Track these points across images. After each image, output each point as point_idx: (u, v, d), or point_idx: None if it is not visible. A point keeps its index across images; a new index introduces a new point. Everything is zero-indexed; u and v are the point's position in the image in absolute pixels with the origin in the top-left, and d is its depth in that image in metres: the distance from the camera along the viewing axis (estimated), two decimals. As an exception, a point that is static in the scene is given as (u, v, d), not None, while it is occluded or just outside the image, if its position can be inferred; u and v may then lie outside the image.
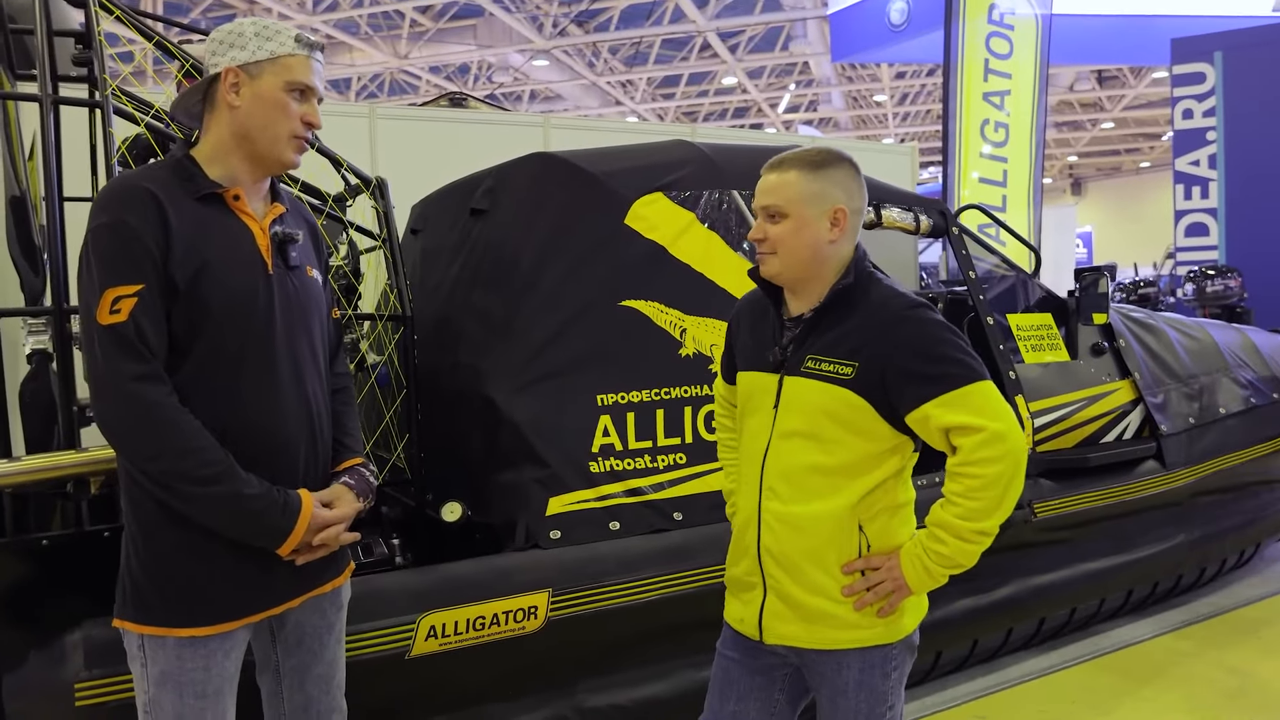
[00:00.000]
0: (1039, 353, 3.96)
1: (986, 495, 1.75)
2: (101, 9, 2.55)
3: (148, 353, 1.69)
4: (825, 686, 1.91)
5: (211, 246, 1.76)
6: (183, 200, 1.76)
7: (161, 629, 1.76)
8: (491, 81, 18.85)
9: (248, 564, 1.80)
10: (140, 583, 1.78)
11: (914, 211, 3.77)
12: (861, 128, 24.53)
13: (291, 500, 1.79)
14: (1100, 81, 20.30)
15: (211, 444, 1.72)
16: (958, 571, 1.82)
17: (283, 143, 1.84)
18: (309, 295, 1.93)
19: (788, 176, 1.87)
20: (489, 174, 3.29)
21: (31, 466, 2.21)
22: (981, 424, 1.74)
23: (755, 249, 1.94)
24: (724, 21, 15.96)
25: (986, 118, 8.52)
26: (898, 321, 1.82)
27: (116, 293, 1.67)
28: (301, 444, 1.88)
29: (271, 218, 1.89)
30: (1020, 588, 3.65)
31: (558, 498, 2.78)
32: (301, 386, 1.88)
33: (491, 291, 3.03)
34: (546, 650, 2.66)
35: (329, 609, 1.98)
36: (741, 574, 1.98)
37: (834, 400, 1.82)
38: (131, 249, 1.68)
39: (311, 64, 1.85)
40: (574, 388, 2.88)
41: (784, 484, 1.88)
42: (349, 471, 1.98)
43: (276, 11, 14.30)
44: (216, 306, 1.75)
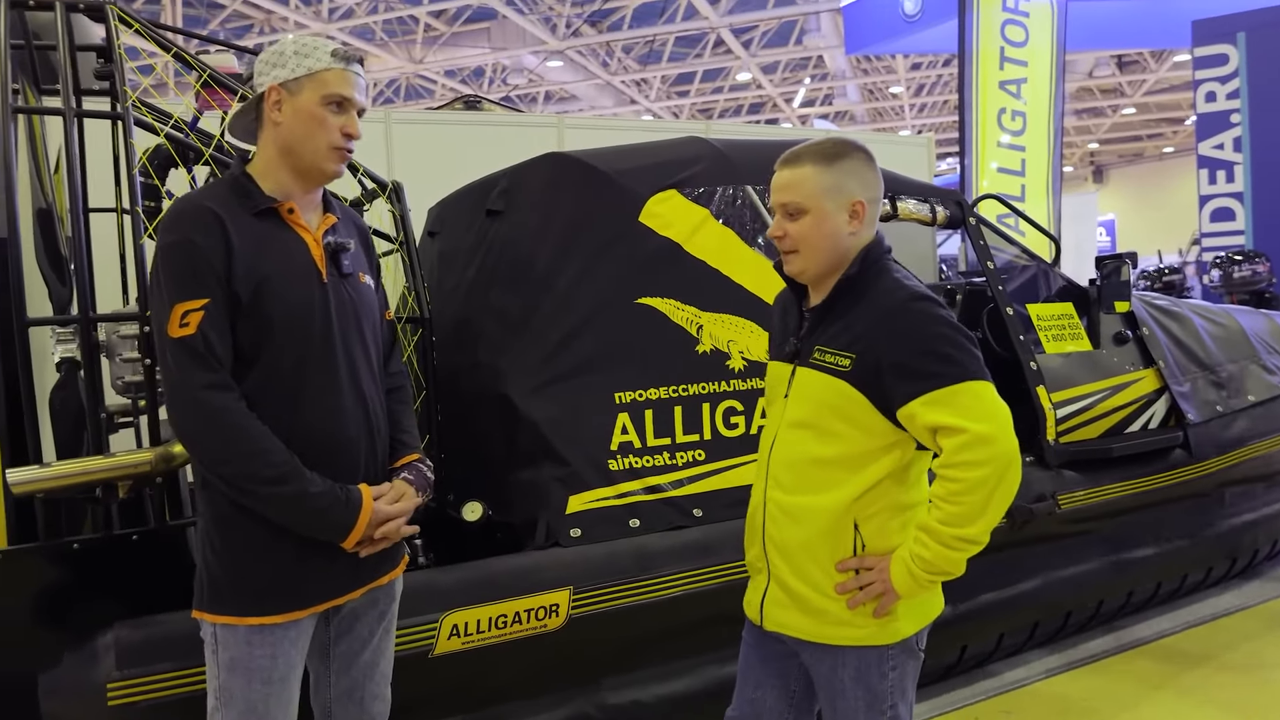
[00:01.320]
0: (1060, 342, 3.93)
1: (968, 500, 1.70)
2: (121, 23, 2.58)
3: (215, 362, 1.80)
4: (824, 683, 1.92)
5: (270, 261, 1.86)
6: (242, 217, 1.86)
7: (234, 618, 1.86)
8: (506, 84, 18.90)
9: (314, 557, 1.89)
10: (216, 575, 1.88)
11: (930, 203, 3.75)
12: (877, 120, 24.41)
13: (353, 496, 1.88)
14: (1120, 66, 20.08)
15: (277, 446, 1.82)
16: (945, 579, 1.78)
17: (323, 154, 1.91)
18: (363, 301, 2.01)
19: (803, 171, 1.85)
20: (503, 175, 3.32)
21: (62, 472, 2.25)
22: (965, 425, 1.70)
23: (775, 246, 1.95)
24: (737, 17, 15.92)
25: (1003, 107, 8.47)
26: (896, 313, 1.80)
27: (185, 307, 1.78)
28: (361, 443, 1.96)
29: (324, 228, 1.98)
30: (1045, 581, 3.62)
31: (578, 496, 2.79)
32: (359, 389, 1.97)
33: (508, 292, 3.05)
34: (568, 648, 2.68)
35: (382, 599, 2.07)
36: (752, 559, 2.02)
37: (832, 392, 1.82)
38: (197, 266, 1.79)
39: (349, 76, 1.91)
40: (592, 386, 2.90)
41: (787, 473, 1.90)
42: (407, 467, 2.06)
43: (293, 20, 14.41)
44: (277, 318, 1.85)
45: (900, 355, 1.76)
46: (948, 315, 1.81)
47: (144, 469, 2.32)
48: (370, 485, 1.95)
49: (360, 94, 1.95)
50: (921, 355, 1.75)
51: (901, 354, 1.76)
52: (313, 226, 1.96)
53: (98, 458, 2.33)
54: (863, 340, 1.80)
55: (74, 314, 2.56)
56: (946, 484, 1.73)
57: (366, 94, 1.98)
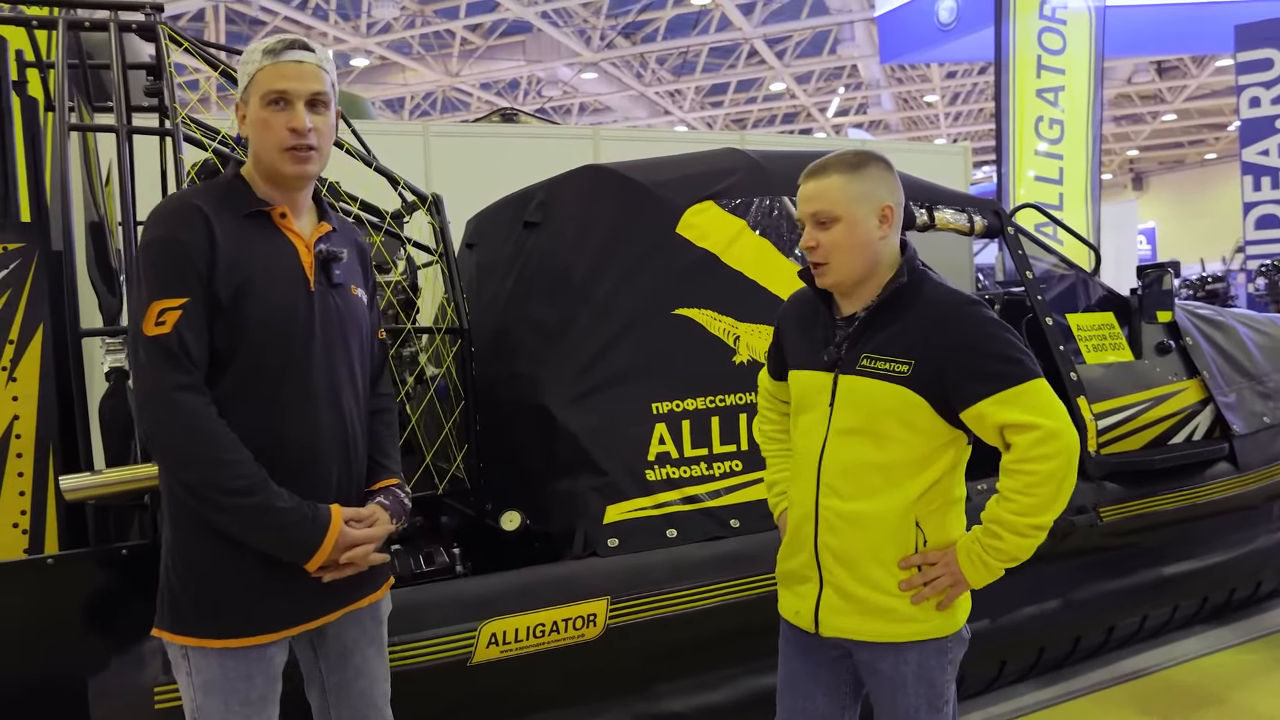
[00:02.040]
0: (1101, 353, 3.89)
1: (1042, 491, 1.78)
2: (171, 42, 2.65)
3: (190, 364, 1.73)
4: (883, 681, 1.92)
5: (255, 263, 1.80)
6: (231, 217, 1.80)
7: (198, 640, 1.78)
8: (541, 95, 19.05)
9: (280, 578, 1.80)
10: (177, 594, 1.81)
11: (968, 212, 3.73)
12: (912, 129, 24.29)
13: (321, 515, 1.79)
14: (1160, 72, 19.85)
15: (246, 457, 1.74)
16: (1014, 565, 1.85)
17: (276, 156, 1.81)
18: (351, 313, 1.94)
19: (831, 180, 1.88)
20: (541, 187, 3.35)
21: (111, 479, 2.29)
22: (1037, 421, 1.77)
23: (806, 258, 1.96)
24: (771, 28, 15.95)
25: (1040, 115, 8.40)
26: (954, 319, 1.85)
27: (163, 305, 1.72)
28: (335, 461, 1.88)
29: (317, 235, 1.91)
30: (1087, 594, 3.58)
31: (615, 506, 2.81)
32: (338, 403, 1.89)
33: (546, 303, 3.08)
34: (605, 657, 2.68)
35: (369, 623, 1.99)
36: (797, 567, 2.00)
37: (892, 398, 1.84)
38: (179, 263, 1.74)
39: (281, 68, 1.80)
40: (629, 396, 2.91)
41: (844, 481, 1.90)
42: (384, 492, 1.97)
43: (332, 36, 14.63)
44: (257, 321, 1.79)
45: (965, 358, 1.81)
46: (999, 318, 1.86)
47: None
48: (343, 506, 1.86)
49: (303, 82, 1.80)
50: (986, 357, 1.81)
51: (966, 357, 1.81)
52: (305, 233, 1.90)
53: (146, 465, 2.38)
54: (921, 346, 1.83)
55: (124, 325, 2.62)
56: (1020, 477, 1.79)
57: (321, 78, 1.83)
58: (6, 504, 2.44)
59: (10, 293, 2.49)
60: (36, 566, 2.34)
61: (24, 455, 2.47)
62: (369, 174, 3.05)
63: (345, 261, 1.94)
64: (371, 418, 2.03)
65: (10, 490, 2.46)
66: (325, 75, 1.85)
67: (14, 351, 2.49)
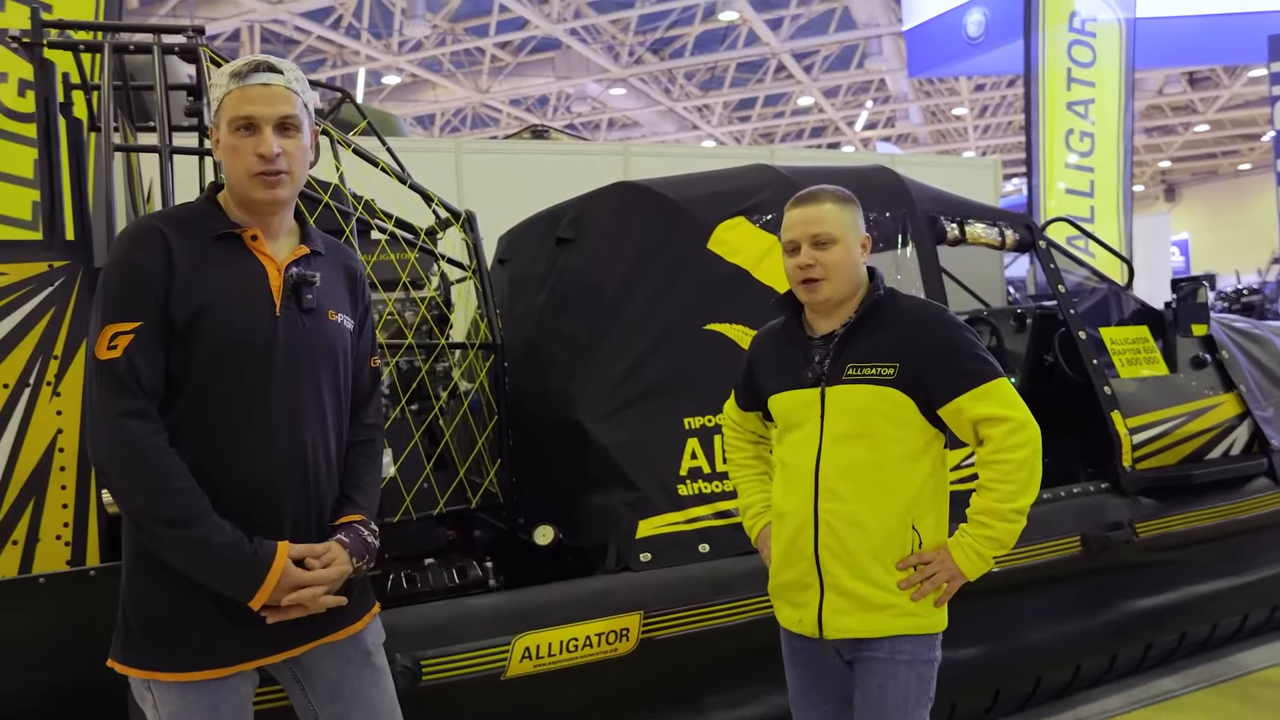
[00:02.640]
0: (1135, 367, 3.86)
1: (1019, 476, 1.97)
2: (211, 63, 2.71)
3: (138, 389, 1.68)
4: (874, 670, 2.03)
5: (216, 286, 1.75)
6: (197, 239, 1.76)
7: (153, 673, 1.73)
8: (570, 111, 19.18)
9: (230, 611, 1.73)
10: (131, 626, 1.76)
11: (999, 226, 3.72)
12: (941, 142, 24.20)
13: (263, 552, 1.71)
14: (1192, 83, 19.67)
15: (189, 486, 1.68)
16: (1003, 553, 2.02)
17: (245, 183, 1.77)
18: (324, 339, 1.85)
19: (828, 207, 2.08)
20: (573, 204, 3.37)
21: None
22: (1007, 414, 1.98)
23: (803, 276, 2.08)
24: (798, 42, 15.98)
25: (1071, 127, 8.35)
26: (930, 325, 2.06)
27: (115, 329, 1.69)
28: (290, 493, 1.79)
29: (291, 258, 1.84)
30: (1124, 611, 3.54)
31: (647, 520, 2.81)
32: (298, 433, 1.80)
33: (578, 318, 3.10)
34: (639, 672, 2.69)
35: (353, 655, 1.90)
36: (796, 577, 2.11)
37: (881, 399, 2.02)
38: (132, 287, 1.70)
39: (247, 92, 1.75)
40: (661, 411, 2.92)
41: (843, 483, 2.03)
42: (345, 528, 1.86)
43: (365, 54, 14.82)
44: (213, 347, 1.73)
45: (944, 358, 2.01)
46: (964, 323, 2.11)
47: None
48: (299, 542, 1.77)
49: (270, 105, 1.75)
50: (961, 357, 2.02)
51: (945, 357, 2.01)
52: (280, 256, 1.83)
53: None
54: (904, 350, 2.02)
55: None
56: (998, 467, 1.98)
57: (290, 99, 1.77)
58: (50, 517, 2.49)
59: (55, 309, 2.55)
60: (79, 578, 2.38)
61: (67, 469, 2.52)
62: (403, 191, 3.10)
63: (322, 285, 1.86)
64: (349, 449, 1.95)
65: (54, 503, 2.51)
66: (295, 96, 1.79)
67: (58, 367, 2.54)
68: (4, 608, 2.29)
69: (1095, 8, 8.45)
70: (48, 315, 2.53)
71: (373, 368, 2.03)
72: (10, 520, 2.45)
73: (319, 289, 1.84)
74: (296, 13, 13.08)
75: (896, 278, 3.31)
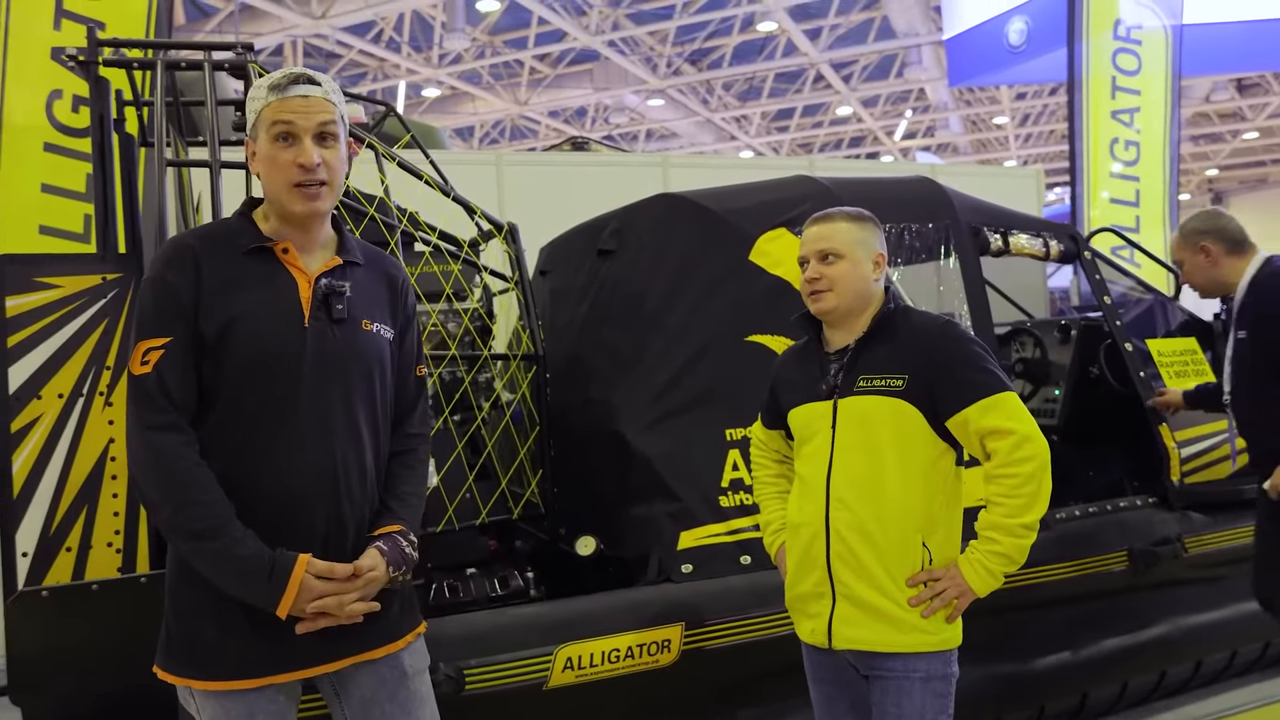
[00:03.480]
0: (1183, 379, 3.78)
1: (1026, 491, 1.97)
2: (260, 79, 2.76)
3: (168, 404, 1.72)
4: (889, 688, 2.04)
5: (245, 300, 1.77)
6: (228, 255, 1.79)
7: (189, 680, 1.77)
8: (608, 123, 19.25)
9: (262, 623, 1.74)
10: (172, 633, 1.80)
11: (1043, 237, 3.68)
12: (981, 151, 23.97)
13: (282, 564, 1.71)
14: (1240, 90, 19.32)
15: (214, 499, 1.71)
16: (1013, 569, 2.01)
17: (285, 194, 1.78)
18: (357, 349, 1.85)
19: (839, 225, 2.16)
20: (615, 215, 3.39)
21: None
22: (1014, 427, 1.99)
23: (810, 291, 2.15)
24: (837, 52, 15.92)
25: (1115, 136, 8.23)
26: (939, 338, 2.09)
27: (147, 345, 1.73)
28: (320, 505, 1.79)
29: (323, 269, 1.85)
30: (1173, 627, 3.47)
31: (689, 532, 2.81)
32: (328, 444, 1.80)
33: (620, 330, 3.11)
34: (680, 683, 2.68)
35: (389, 675, 1.88)
36: (810, 588, 2.13)
37: (890, 410, 2.05)
38: (163, 304, 1.74)
39: (288, 102, 1.76)
40: (703, 423, 2.92)
41: (853, 492, 2.06)
42: (384, 538, 1.85)
43: (405, 67, 15.00)
44: (242, 360, 1.75)
45: (953, 370, 2.04)
46: (973, 336, 2.14)
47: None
48: (337, 553, 1.78)
49: (309, 115, 1.76)
50: (969, 369, 2.04)
51: (954, 369, 2.04)
52: (310, 268, 1.83)
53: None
54: (913, 362, 2.05)
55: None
56: (1005, 482, 1.99)
57: (328, 109, 1.79)
58: (102, 524, 2.55)
59: (108, 321, 2.61)
60: (130, 584, 2.43)
61: (119, 478, 2.57)
62: (446, 203, 3.13)
63: (356, 295, 1.86)
64: (392, 459, 1.95)
65: (105, 511, 2.57)
66: (333, 108, 1.80)
67: (110, 378, 2.60)
68: (59, 614, 2.34)
69: (1140, 15, 8.33)
70: (101, 327, 2.59)
71: (418, 377, 2.02)
72: (64, 528, 2.51)
73: (352, 299, 1.84)
74: (338, 27, 13.27)
75: (940, 289, 3.28)
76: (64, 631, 2.36)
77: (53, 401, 2.53)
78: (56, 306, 2.54)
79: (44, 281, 2.53)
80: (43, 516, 2.48)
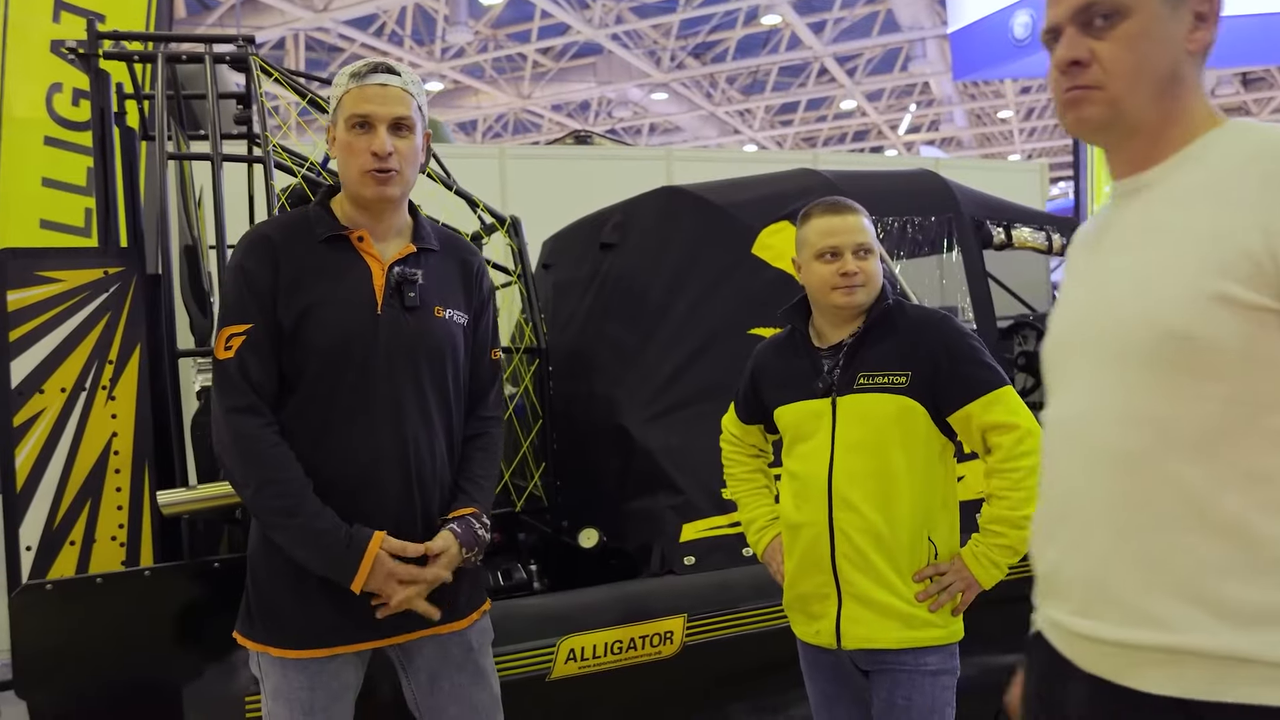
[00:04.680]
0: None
1: (1029, 484, 1.95)
2: (261, 72, 2.75)
3: (248, 388, 1.79)
4: (900, 684, 2.02)
5: (320, 288, 1.83)
6: (305, 243, 1.85)
7: (262, 646, 1.87)
8: (612, 116, 19.23)
9: (337, 596, 1.82)
10: (251, 601, 1.90)
11: (1046, 230, 3.67)
12: (985, 145, 23.91)
13: (358, 539, 1.79)
14: (1245, 84, 19.25)
15: (293, 477, 1.78)
16: (1015, 560, 2.00)
17: (357, 180, 1.84)
18: (429, 336, 1.90)
19: (860, 219, 2.11)
20: (617, 209, 3.38)
21: (208, 494, 2.38)
22: (1017, 422, 1.99)
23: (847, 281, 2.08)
24: (841, 46, 15.88)
25: (1121, 130, 8.21)
26: (939, 333, 2.07)
27: (230, 331, 1.81)
28: (392, 487, 1.86)
29: (397, 257, 1.90)
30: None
31: (691, 524, 2.81)
32: (400, 428, 1.86)
33: (623, 323, 3.11)
34: (682, 675, 2.68)
35: (455, 650, 1.96)
36: (814, 588, 2.10)
37: (894, 407, 2.02)
38: (243, 292, 1.82)
39: (365, 91, 1.82)
40: (705, 416, 2.90)
41: (858, 492, 2.03)
42: (457, 520, 1.92)
43: (408, 61, 14.99)
44: (319, 346, 1.82)
45: (955, 365, 2.03)
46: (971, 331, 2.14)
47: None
48: (411, 533, 1.86)
49: (386, 105, 1.82)
50: (970, 364, 2.03)
51: (956, 364, 2.03)
52: (385, 255, 1.89)
53: (238, 481, 2.45)
54: (915, 358, 2.03)
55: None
56: (1008, 475, 1.98)
57: (405, 101, 1.84)
58: (106, 518, 2.55)
59: (110, 315, 2.61)
60: (135, 577, 2.43)
61: (122, 471, 2.58)
62: (449, 196, 3.12)
63: (429, 282, 1.91)
64: (466, 442, 2.01)
65: (109, 504, 2.57)
66: (411, 99, 1.85)
67: (113, 371, 2.60)
68: (64, 608, 2.34)
69: (1145, 7, 8.31)
70: (103, 321, 2.58)
71: (492, 360, 2.08)
72: (68, 521, 2.51)
73: (424, 286, 1.90)
74: (341, 21, 13.26)
75: (943, 282, 3.27)
76: (69, 625, 2.36)
77: (55, 396, 2.53)
78: (58, 301, 2.54)
79: (46, 276, 2.53)
80: (46, 510, 2.48)
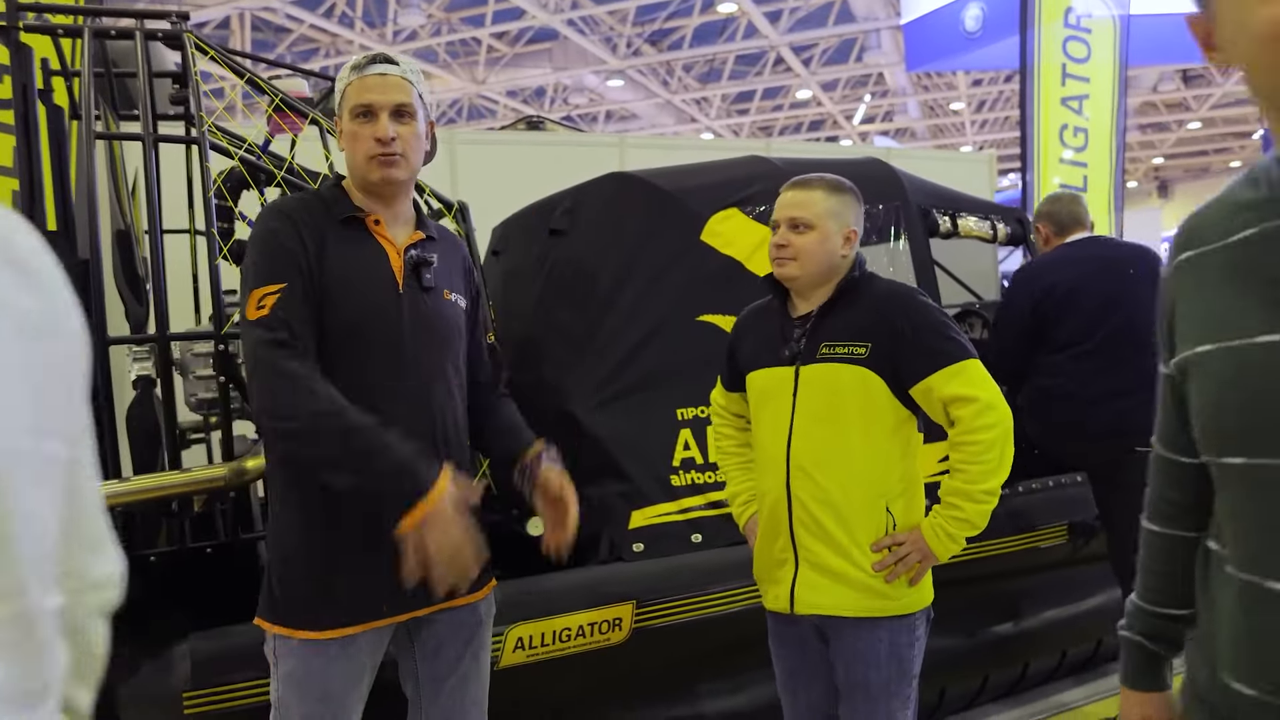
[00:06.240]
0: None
1: (988, 458, 1.97)
2: (197, 50, 2.67)
3: (290, 336, 1.75)
4: (856, 658, 2.04)
5: (342, 265, 1.86)
6: (326, 222, 1.88)
7: (285, 629, 1.84)
8: (567, 103, 19.11)
9: (368, 571, 1.83)
10: (273, 584, 1.88)
11: (991, 220, 3.72)
12: (938, 136, 24.17)
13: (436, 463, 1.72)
14: (1185, 81, 19.65)
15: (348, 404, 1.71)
16: (974, 534, 2.03)
17: (363, 165, 1.88)
18: (443, 317, 1.98)
19: (814, 194, 2.11)
20: (567, 195, 3.35)
21: (139, 487, 2.32)
22: (977, 395, 1.97)
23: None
24: (797, 35, 15.92)
25: (1065, 123, 8.32)
26: (902, 305, 2.07)
27: (262, 292, 1.78)
28: None
29: (409, 242, 1.96)
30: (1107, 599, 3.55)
31: (640, 511, 2.80)
32: (427, 401, 1.91)
33: (571, 310, 3.08)
34: (631, 662, 2.68)
35: (467, 620, 2.01)
36: (775, 553, 2.13)
37: (852, 378, 2.03)
38: (275, 254, 1.81)
39: (367, 81, 1.87)
40: (654, 402, 2.91)
41: (814, 461, 2.06)
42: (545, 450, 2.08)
43: (358, 43, 14.75)
44: (343, 318, 1.84)
45: (916, 337, 2.01)
46: (936, 304, 2.12)
47: (218, 484, 2.38)
48: None
49: (386, 93, 1.86)
50: (933, 337, 2.02)
51: (917, 336, 2.01)
52: (399, 240, 1.95)
53: (174, 473, 2.40)
54: (875, 330, 2.03)
55: (151, 333, 2.64)
56: (968, 449, 1.98)
57: (405, 89, 1.88)
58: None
59: (40, 299, 2.52)
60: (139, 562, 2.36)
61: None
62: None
63: (438, 267, 1.98)
64: (481, 411, 2.12)
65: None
66: (411, 87, 1.90)
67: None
68: None
69: (1090, 4, 8.42)
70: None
71: (489, 342, 2.18)
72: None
73: (436, 270, 1.96)
74: (289, 1, 13.01)
75: (889, 269, 3.30)
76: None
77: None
78: (-15, 285, 2.45)
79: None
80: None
